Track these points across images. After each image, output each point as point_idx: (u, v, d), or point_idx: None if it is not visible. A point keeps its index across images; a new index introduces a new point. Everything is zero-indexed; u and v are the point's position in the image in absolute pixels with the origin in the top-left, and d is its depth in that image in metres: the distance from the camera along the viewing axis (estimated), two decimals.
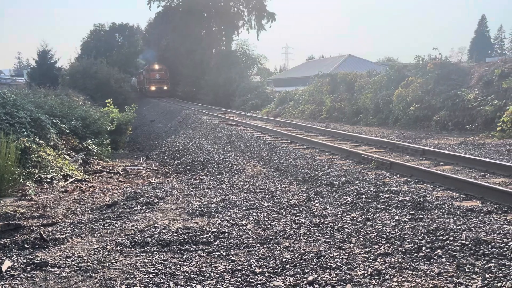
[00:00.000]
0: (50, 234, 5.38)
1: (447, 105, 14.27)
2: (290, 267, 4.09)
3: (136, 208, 6.64)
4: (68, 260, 4.43)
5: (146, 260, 4.34)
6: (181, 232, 5.12)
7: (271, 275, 3.95)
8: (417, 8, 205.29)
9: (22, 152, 9.19)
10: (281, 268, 4.08)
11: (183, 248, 4.68)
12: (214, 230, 5.19)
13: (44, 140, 10.95)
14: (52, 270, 4.19)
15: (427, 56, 16.78)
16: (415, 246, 4.38)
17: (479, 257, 4.01)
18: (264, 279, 3.87)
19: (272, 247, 4.61)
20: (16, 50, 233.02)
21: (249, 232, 5.11)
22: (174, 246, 4.74)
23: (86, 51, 50.38)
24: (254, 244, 4.71)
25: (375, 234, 4.81)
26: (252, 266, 4.15)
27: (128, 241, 4.89)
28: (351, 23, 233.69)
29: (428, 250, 4.26)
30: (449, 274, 3.75)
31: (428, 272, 3.83)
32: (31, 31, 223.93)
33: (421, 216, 5.17)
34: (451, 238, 4.41)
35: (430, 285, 3.59)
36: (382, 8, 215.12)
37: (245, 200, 6.71)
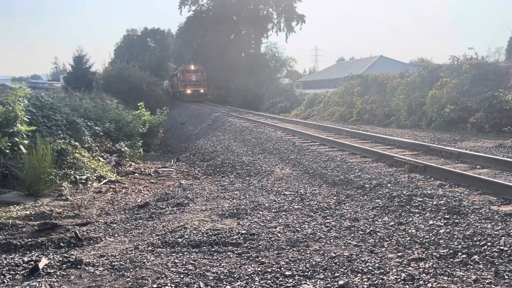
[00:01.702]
0: (85, 233, 5.52)
1: (483, 107, 13.78)
2: (321, 271, 4.03)
3: (167, 209, 6.74)
4: (102, 259, 4.53)
5: (177, 260, 4.38)
6: (211, 233, 5.15)
7: (301, 278, 3.91)
8: (451, 7, 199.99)
9: (58, 153, 9.48)
10: (311, 271, 4.03)
11: (213, 249, 4.70)
12: (244, 231, 5.19)
13: (79, 142, 11.27)
14: (87, 268, 4.29)
15: (463, 56, 16.28)
16: (451, 251, 4.24)
17: None
18: (294, 282, 3.84)
19: (302, 250, 4.56)
20: (53, 55, 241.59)
21: (279, 235, 5.08)
22: (204, 247, 4.77)
23: (119, 55, 51.76)
24: (284, 247, 4.68)
25: (408, 238, 4.69)
26: (282, 268, 4.12)
27: (159, 241, 4.97)
28: (382, 24, 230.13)
29: (464, 256, 4.11)
30: (486, 281, 3.60)
31: (464, 278, 3.69)
32: (67, 38, 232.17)
33: (456, 220, 5.00)
34: (489, 244, 4.24)
35: None
36: (414, 7, 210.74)
37: (274, 202, 6.69)
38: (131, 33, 58.08)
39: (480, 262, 3.95)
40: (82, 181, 9.54)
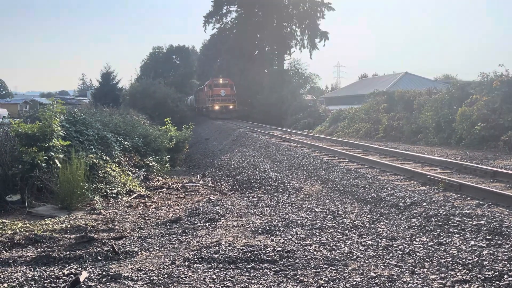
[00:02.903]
0: (121, 247, 5.58)
1: None
2: None
3: (199, 224, 6.76)
4: (140, 273, 4.57)
5: (214, 276, 4.38)
6: (246, 250, 5.13)
7: None
8: (474, 24, 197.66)
9: (90, 168, 9.67)
10: None
11: (249, 266, 4.68)
12: (279, 249, 5.15)
13: (110, 157, 11.48)
14: (126, 282, 4.33)
15: (493, 73, 15.94)
16: (496, 273, 4.10)
17: None
18: None
19: (340, 269, 4.49)
20: (80, 72, 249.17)
21: (315, 253, 5.02)
22: (240, 264, 4.75)
23: (145, 72, 52.86)
24: (321, 265, 4.62)
25: (450, 259, 4.56)
26: (321, 287, 4.05)
27: (195, 257, 4.98)
28: (403, 40, 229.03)
29: (511, 279, 3.97)
30: None
31: None
32: (94, 55, 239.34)
33: (499, 241, 4.85)
34: None
35: None
36: (437, 25, 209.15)
37: (306, 220, 6.63)
38: (157, 51, 59.40)
39: None
40: (113, 195, 9.69)
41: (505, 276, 4.04)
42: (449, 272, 4.28)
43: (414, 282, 4.07)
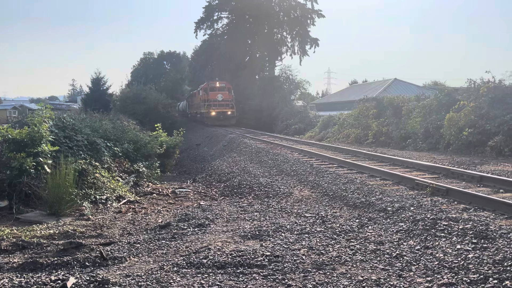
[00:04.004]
0: (109, 253, 5.56)
1: (503, 130, 13.63)
2: None
3: (189, 229, 6.76)
4: (128, 279, 4.55)
5: (203, 282, 4.38)
6: (235, 255, 5.14)
7: None
8: (462, 31, 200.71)
9: (79, 173, 9.60)
10: None
11: (238, 271, 4.69)
12: (268, 253, 5.17)
13: (99, 163, 11.39)
14: None
15: (480, 80, 16.21)
16: (481, 276, 4.16)
17: None
18: None
19: (328, 273, 4.53)
20: (70, 77, 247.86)
21: (303, 257, 5.05)
22: (229, 268, 4.76)
23: (136, 77, 52.60)
24: (310, 269, 4.65)
25: (436, 262, 4.62)
26: None
27: (184, 262, 4.97)
28: (392, 47, 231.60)
29: (495, 281, 4.03)
30: None
31: None
32: (84, 60, 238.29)
33: (485, 245, 4.92)
34: None
35: None
36: (426, 31, 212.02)
37: (295, 224, 6.67)
38: (148, 56, 59.31)
39: None
40: (102, 201, 9.62)
41: (490, 279, 4.10)
42: (435, 275, 4.33)
43: (401, 286, 4.11)
